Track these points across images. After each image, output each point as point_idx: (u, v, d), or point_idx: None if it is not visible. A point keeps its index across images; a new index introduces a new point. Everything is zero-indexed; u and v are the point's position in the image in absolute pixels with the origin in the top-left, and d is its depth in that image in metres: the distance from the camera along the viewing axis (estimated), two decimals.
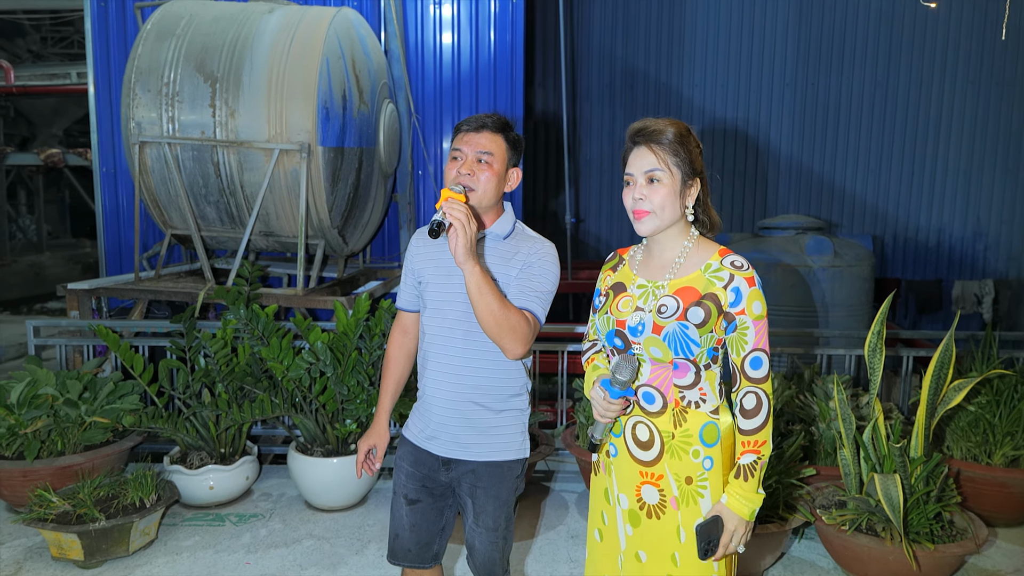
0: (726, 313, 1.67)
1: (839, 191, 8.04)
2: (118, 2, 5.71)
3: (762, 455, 1.68)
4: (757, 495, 1.68)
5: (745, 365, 1.68)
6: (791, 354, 4.25)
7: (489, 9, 5.72)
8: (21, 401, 3.52)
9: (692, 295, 1.69)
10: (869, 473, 2.89)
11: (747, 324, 1.66)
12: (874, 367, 2.93)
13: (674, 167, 1.70)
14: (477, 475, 2.02)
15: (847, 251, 5.15)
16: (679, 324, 1.67)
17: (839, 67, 7.92)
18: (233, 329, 3.72)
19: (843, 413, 2.94)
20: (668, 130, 1.71)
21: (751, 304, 1.66)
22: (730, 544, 1.69)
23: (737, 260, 1.70)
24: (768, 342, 1.70)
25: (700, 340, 1.67)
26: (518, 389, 2.07)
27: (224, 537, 3.37)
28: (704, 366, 1.71)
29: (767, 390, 1.68)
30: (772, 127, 8.12)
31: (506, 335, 1.83)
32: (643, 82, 8.28)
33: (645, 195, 1.71)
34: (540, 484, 3.98)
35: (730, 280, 1.67)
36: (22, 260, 14.42)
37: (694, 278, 1.70)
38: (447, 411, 2.03)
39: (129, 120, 4.27)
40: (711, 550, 1.67)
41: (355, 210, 4.74)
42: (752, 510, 1.68)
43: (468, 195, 1.94)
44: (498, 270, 2.00)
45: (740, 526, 1.68)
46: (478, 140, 1.98)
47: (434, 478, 2.08)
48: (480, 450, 2.02)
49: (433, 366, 2.06)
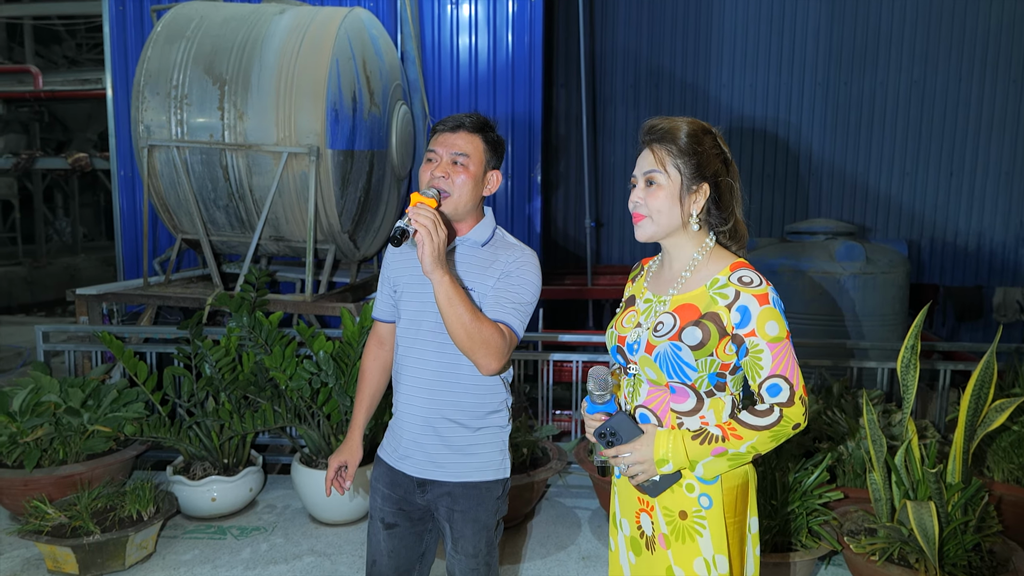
0: (733, 336, 1.49)
1: (872, 194, 7.75)
2: (136, 5, 5.70)
3: (729, 444, 1.48)
4: (685, 458, 1.50)
5: (763, 393, 1.50)
6: (819, 367, 4.04)
7: (507, 10, 5.59)
8: (23, 408, 3.47)
9: (691, 313, 1.52)
10: (901, 500, 2.68)
11: (760, 347, 1.48)
12: (907, 384, 2.72)
13: (673, 169, 1.54)
14: (454, 497, 1.90)
15: (880, 257, 4.91)
16: (671, 345, 1.51)
17: (873, 65, 7.63)
18: (238, 337, 3.63)
19: (873, 434, 2.73)
20: (676, 130, 1.55)
21: (763, 324, 1.48)
22: (620, 458, 1.54)
23: (747, 275, 1.52)
24: (793, 366, 1.49)
25: (696, 364, 1.51)
26: (497, 405, 1.94)
27: (224, 552, 3.27)
28: (706, 393, 1.54)
29: (792, 416, 1.48)
30: (803, 128, 7.86)
31: (479, 349, 1.71)
32: (669, 82, 8.08)
33: (642, 199, 1.57)
34: (553, 500, 3.82)
35: (735, 298, 1.49)
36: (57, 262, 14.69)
37: (697, 294, 1.54)
38: (420, 428, 1.91)
39: (138, 123, 4.22)
40: (610, 442, 1.54)
41: (366, 214, 4.64)
42: (667, 462, 1.51)
43: (443, 199, 1.83)
44: (475, 279, 1.87)
45: (647, 461, 1.52)
46: (454, 141, 1.86)
47: (411, 500, 1.96)
48: (456, 470, 1.90)
49: (406, 380, 1.94)
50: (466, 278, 1.86)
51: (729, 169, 1.60)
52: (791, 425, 1.48)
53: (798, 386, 1.48)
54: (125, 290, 4.42)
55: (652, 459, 1.51)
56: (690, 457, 1.50)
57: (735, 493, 1.56)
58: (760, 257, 5.09)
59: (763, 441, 1.47)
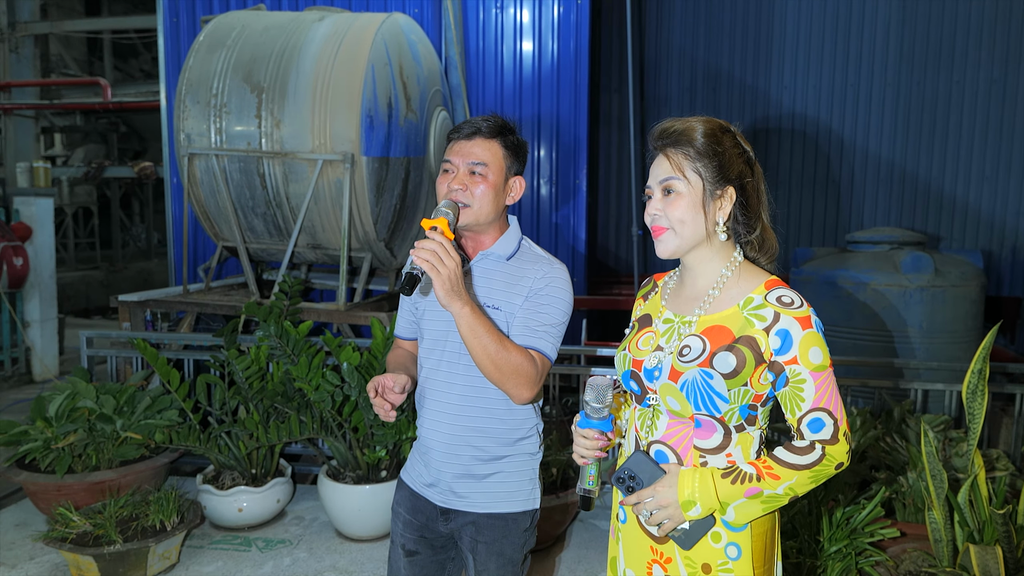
0: (771, 363, 1.31)
1: (946, 201, 7.26)
2: (189, 18, 5.81)
3: (765, 484, 1.30)
4: (716, 500, 1.32)
5: (803, 428, 1.32)
6: (879, 388, 3.73)
7: (552, 14, 5.46)
8: (59, 414, 3.52)
9: (724, 337, 1.34)
10: (964, 542, 2.40)
11: (802, 377, 1.30)
12: (974, 413, 2.44)
13: (692, 173, 1.36)
14: (478, 528, 1.77)
15: (951, 269, 4.54)
16: (701, 372, 1.33)
17: (949, 63, 7.16)
18: (268, 346, 3.60)
19: (932, 468, 2.46)
20: (691, 131, 1.38)
21: (806, 351, 1.29)
22: (642, 505, 1.37)
23: (787, 295, 1.33)
24: (837, 399, 1.31)
25: (728, 395, 1.32)
26: (526, 432, 1.81)
27: (246, 565, 3.23)
28: (736, 427, 1.36)
29: (836, 454, 1.30)
30: (871, 131, 7.44)
31: (508, 379, 1.61)
32: (727, 84, 7.78)
33: (661, 209, 1.39)
34: (587, 522, 3.64)
35: (775, 320, 1.31)
36: (132, 266, 15.33)
37: (729, 315, 1.36)
38: (444, 455, 1.79)
39: (179, 132, 4.26)
40: (629, 487, 1.37)
41: (403, 221, 4.57)
42: (694, 504, 1.32)
43: (461, 210, 1.71)
44: (501, 297, 1.74)
45: (671, 505, 1.34)
46: (470, 149, 1.73)
47: (433, 528, 1.84)
48: (481, 500, 1.77)
49: (431, 404, 1.82)
50: (491, 295, 1.74)
51: (754, 170, 1.42)
52: (834, 464, 1.30)
53: (842, 421, 1.31)
54: (166, 297, 4.47)
55: (677, 502, 1.33)
56: (721, 499, 1.31)
57: (765, 540, 1.37)
58: (817, 268, 4.78)
59: (802, 482, 1.30)
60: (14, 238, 6.10)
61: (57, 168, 12.66)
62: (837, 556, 2.56)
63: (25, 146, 11.08)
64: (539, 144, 5.61)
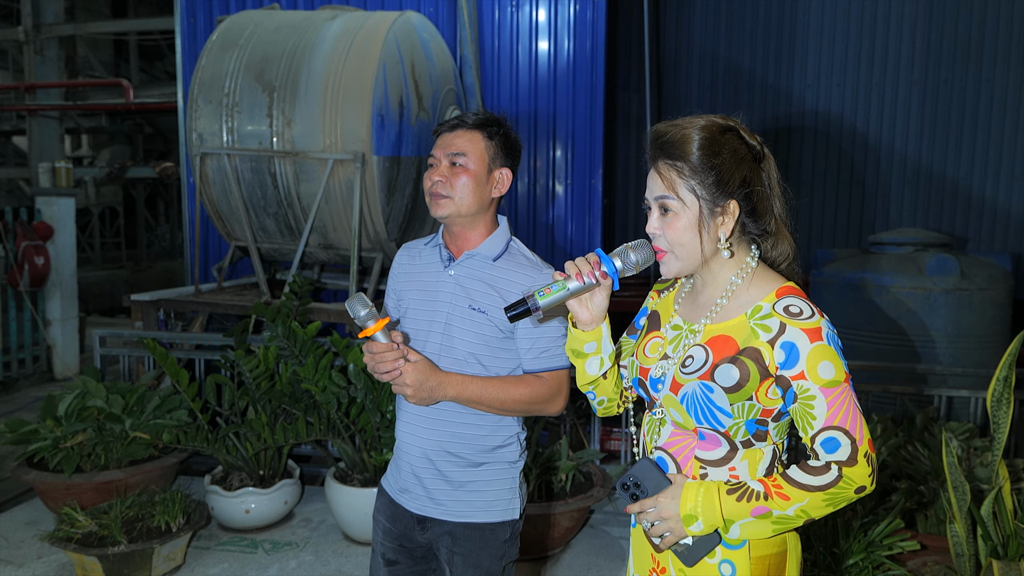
0: (778, 377, 1.22)
1: (975, 202, 7.06)
2: (206, 18, 5.82)
3: (773, 504, 1.21)
4: (719, 517, 1.23)
5: (817, 448, 1.22)
6: (902, 394, 3.62)
7: (569, 12, 5.39)
8: (68, 413, 3.53)
9: (727, 347, 1.26)
10: (987, 557, 2.30)
11: (811, 393, 1.20)
12: (999, 422, 2.34)
13: (687, 193, 1.26)
14: (455, 539, 1.72)
15: (978, 272, 4.39)
16: (701, 385, 1.25)
17: (977, 61, 6.97)
18: (277, 347, 3.58)
19: (954, 479, 2.36)
20: (685, 142, 1.26)
21: (815, 365, 1.20)
22: (644, 513, 1.30)
23: (796, 303, 1.24)
24: (855, 416, 1.21)
25: (731, 409, 1.24)
26: (505, 439, 1.75)
27: (252, 567, 3.20)
28: (742, 443, 1.28)
29: (855, 477, 1.20)
30: (896, 130, 7.26)
31: (530, 410, 1.70)
32: (748, 83, 7.65)
33: (659, 228, 1.30)
34: (598, 528, 3.57)
35: (780, 331, 1.22)
36: (157, 266, 15.49)
37: (735, 325, 1.27)
38: (419, 461, 1.75)
39: (192, 131, 4.26)
40: (634, 495, 1.31)
41: (415, 221, 4.53)
42: (696, 519, 1.24)
43: (444, 204, 1.69)
44: (486, 300, 1.69)
45: (672, 518, 1.27)
46: (451, 141, 1.71)
47: (411, 537, 1.79)
48: (457, 508, 1.73)
49: (408, 407, 1.77)
50: (476, 298, 1.70)
51: (761, 165, 1.31)
52: (853, 488, 1.20)
53: (862, 440, 1.20)
54: (178, 296, 4.47)
55: (678, 515, 1.25)
56: (725, 516, 1.23)
57: (766, 564, 1.28)
58: (838, 270, 4.66)
59: (816, 504, 1.20)
60: (36, 238, 6.16)
61: (83, 168, 12.83)
62: (854, 570, 2.47)
63: (50, 147, 11.24)
64: (554, 144, 5.55)
